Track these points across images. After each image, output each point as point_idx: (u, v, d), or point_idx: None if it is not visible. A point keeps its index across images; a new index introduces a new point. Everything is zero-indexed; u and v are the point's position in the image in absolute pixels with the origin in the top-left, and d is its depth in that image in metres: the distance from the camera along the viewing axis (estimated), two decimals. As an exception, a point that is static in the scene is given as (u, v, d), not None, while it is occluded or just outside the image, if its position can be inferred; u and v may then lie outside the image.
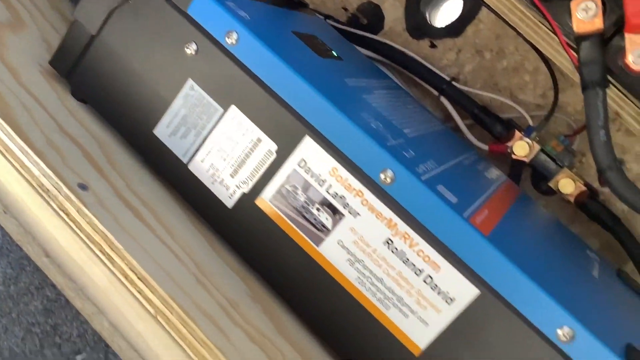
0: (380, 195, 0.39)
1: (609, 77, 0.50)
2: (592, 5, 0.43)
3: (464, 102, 0.62)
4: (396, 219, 0.39)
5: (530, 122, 0.61)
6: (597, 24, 0.43)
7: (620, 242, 0.60)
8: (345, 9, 0.69)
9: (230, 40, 0.41)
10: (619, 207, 0.62)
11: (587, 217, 0.61)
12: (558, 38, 0.45)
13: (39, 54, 0.48)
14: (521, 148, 0.60)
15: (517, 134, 0.61)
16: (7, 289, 0.50)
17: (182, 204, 0.45)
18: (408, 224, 0.39)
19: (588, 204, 0.60)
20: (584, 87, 0.44)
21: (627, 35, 0.43)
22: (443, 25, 0.66)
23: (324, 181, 0.40)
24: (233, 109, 0.42)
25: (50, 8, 0.55)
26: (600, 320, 0.39)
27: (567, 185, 0.60)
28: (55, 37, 0.52)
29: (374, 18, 0.68)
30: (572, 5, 0.44)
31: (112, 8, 0.43)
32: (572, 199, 0.60)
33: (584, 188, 0.59)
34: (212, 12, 0.42)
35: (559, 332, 0.36)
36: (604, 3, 0.43)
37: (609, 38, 0.44)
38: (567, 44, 0.45)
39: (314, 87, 0.40)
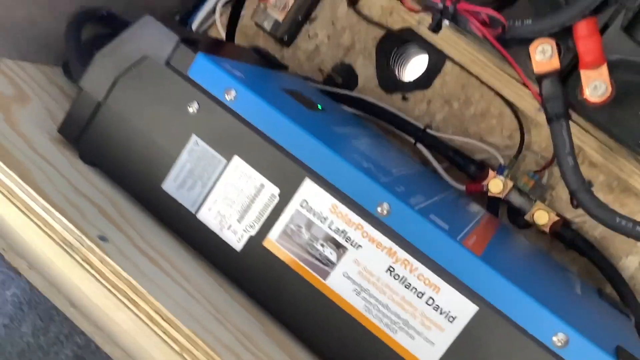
0: (379, 227, 0.42)
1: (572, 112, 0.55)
2: (548, 47, 0.49)
3: (438, 147, 0.67)
4: (396, 248, 0.42)
5: (502, 161, 0.66)
6: (555, 63, 0.49)
7: (596, 266, 0.64)
8: (321, 70, 0.74)
9: (229, 97, 0.45)
10: (592, 234, 0.67)
11: (564, 246, 0.65)
12: (521, 79, 0.50)
13: (44, 123, 0.52)
14: (496, 186, 0.65)
15: (491, 173, 0.65)
16: (36, 340, 0.51)
17: (191, 252, 0.47)
18: (407, 251, 0.42)
19: (563, 233, 0.64)
20: (549, 120, 0.49)
21: (582, 72, 0.48)
22: (412, 80, 0.72)
23: (325, 218, 0.44)
24: (236, 159, 0.45)
25: (48, 82, 0.58)
26: (590, 327, 0.42)
27: (541, 216, 0.64)
28: (55, 107, 0.55)
29: (348, 76, 0.73)
30: (531, 49, 0.49)
31: (117, 75, 0.47)
32: (547, 230, 0.64)
33: (557, 218, 0.64)
34: (211, 73, 0.46)
35: (554, 338, 0.40)
36: (558, 45, 0.49)
37: (567, 75, 0.49)
38: (530, 83, 0.50)
39: (310, 133, 0.44)
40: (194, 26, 0.75)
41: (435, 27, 0.49)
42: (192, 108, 0.46)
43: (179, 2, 0.73)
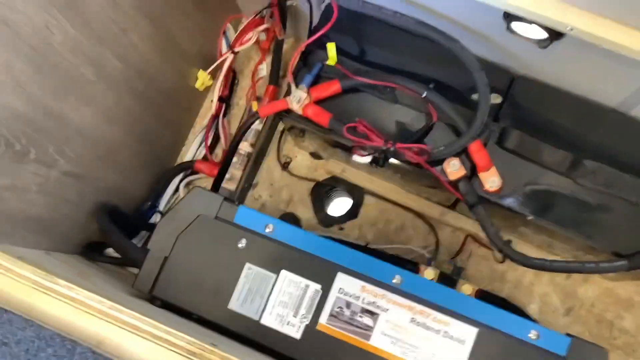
0: (398, 293, 0.61)
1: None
2: (455, 162, 0.73)
3: (380, 256, 0.88)
4: (413, 304, 0.61)
5: (428, 256, 0.89)
6: (462, 172, 0.73)
7: (514, 315, 0.86)
8: (270, 222, 0.93)
9: (269, 230, 0.63)
10: (504, 292, 0.90)
11: (487, 308, 0.87)
12: (445, 185, 0.74)
13: (110, 287, 0.65)
14: (429, 274, 0.86)
15: (422, 266, 0.87)
16: None
17: (254, 350, 0.62)
18: (421, 304, 0.61)
19: (484, 296, 0.86)
20: (470, 207, 0.72)
21: (480, 174, 0.73)
22: (343, 214, 0.93)
23: (358, 297, 0.62)
24: (283, 272, 0.62)
25: (84, 264, 0.72)
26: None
27: (467, 289, 0.86)
28: (101, 278, 0.68)
29: (293, 222, 0.93)
30: (444, 165, 0.74)
31: (179, 233, 0.63)
32: (473, 297, 0.86)
33: (477, 288, 0.86)
34: (251, 217, 0.64)
35: (530, 335, 0.60)
36: (460, 159, 0.73)
37: (472, 177, 0.74)
38: (451, 187, 0.74)
39: (332, 241, 0.63)
40: (161, 207, 0.91)
41: (382, 163, 0.72)
42: (242, 244, 0.63)
43: (147, 192, 0.90)
